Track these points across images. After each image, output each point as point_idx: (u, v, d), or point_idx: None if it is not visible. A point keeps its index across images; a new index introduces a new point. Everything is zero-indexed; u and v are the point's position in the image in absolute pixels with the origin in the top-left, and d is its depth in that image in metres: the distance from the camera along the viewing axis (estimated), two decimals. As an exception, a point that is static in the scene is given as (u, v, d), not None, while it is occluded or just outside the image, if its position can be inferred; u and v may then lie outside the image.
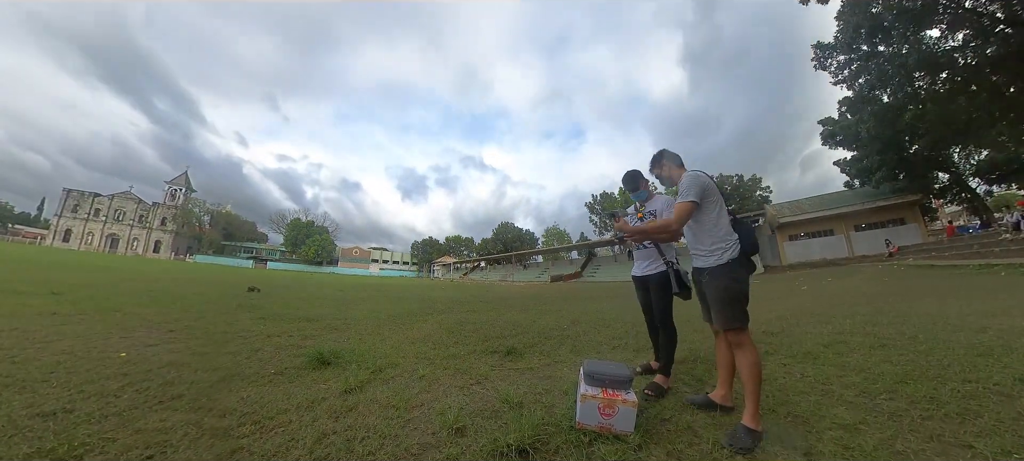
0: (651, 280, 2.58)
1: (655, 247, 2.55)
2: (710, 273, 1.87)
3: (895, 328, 3.57)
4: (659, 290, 2.52)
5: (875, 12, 15.75)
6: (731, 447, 1.52)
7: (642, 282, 2.69)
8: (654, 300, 2.57)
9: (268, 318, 4.77)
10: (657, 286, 2.53)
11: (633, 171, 2.71)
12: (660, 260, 2.53)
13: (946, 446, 1.49)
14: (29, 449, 1.42)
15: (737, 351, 1.76)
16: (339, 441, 1.58)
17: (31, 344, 2.82)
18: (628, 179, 2.71)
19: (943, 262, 12.61)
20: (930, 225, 24.07)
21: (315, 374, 2.48)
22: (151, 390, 2.05)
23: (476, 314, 6.03)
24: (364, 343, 3.53)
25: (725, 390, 1.95)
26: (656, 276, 2.54)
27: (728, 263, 1.82)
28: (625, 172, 2.73)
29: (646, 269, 2.64)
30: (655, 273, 2.56)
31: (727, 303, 1.79)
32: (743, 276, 1.83)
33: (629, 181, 2.70)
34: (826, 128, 23.40)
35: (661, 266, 2.51)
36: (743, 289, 1.80)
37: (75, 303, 4.87)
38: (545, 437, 1.60)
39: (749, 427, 1.58)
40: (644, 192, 2.68)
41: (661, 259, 2.52)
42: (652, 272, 2.58)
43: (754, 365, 1.69)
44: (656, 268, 2.56)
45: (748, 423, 1.60)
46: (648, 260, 2.64)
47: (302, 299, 7.67)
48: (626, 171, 2.72)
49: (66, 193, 56.53)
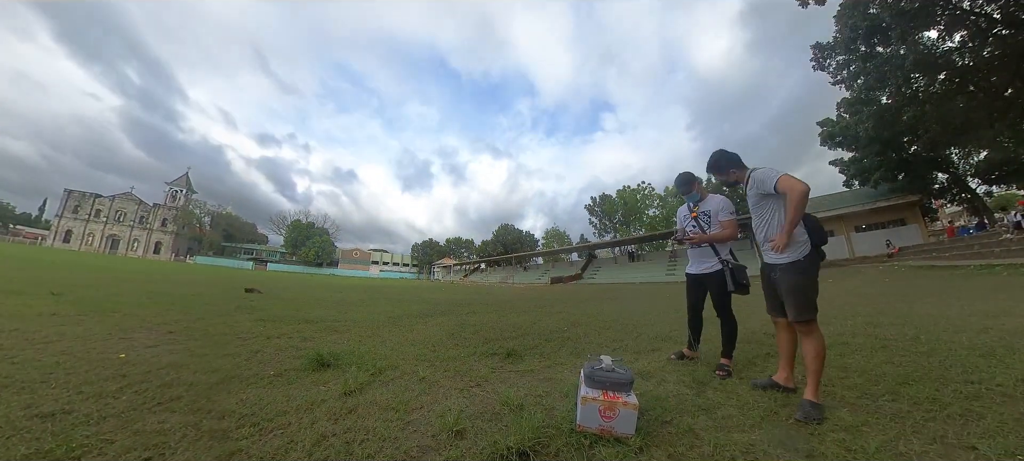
0: (709, 278, 2.72)
1: (711, 247, 2.71)
2: (784, 268, 2.02)
3: (896, 329, 3.56)
4: (716, 286, 2.68)
5: (873, 13, 15.78)
6: (803, 419, 1.73)
7: (698, 280, 2.83)
8: (713, 295, 2.72)
9: (268, 320, 4.76)
10: (714, 283, 2.69)
11: (686, 173, 2.87)
12: (714, 259, 2.68)
13: (949, 448, 1.48)
14: (27, 450, 1.41)
15: (806, 338, 1.94)
16: (338, 443, 1.57)
17: (31, 345, 2.81)
18: (682, 182, 2.87)
19: (943, 263, 12.60)
20: (930, 226, 24.07)
21: (314, 376, 2.47)
22: (150, 391, 2.04)
23: (476, 316, 6.02)
24: (364, 345, 3.52)
25: (787, 373, 2.15)
26: (714, 274, 2.68)
27: (802, 258, 1.97)
28: (678, 175, 2.90)
29: (703, 268, 2.77)
30: (713, 271, 2.70)
31: (801, 295, 1.94)
32: (815, 269, 1.99)
33: (683, 184, 2.86)
34: (825, 129, 23.42)
35: (717, 265, 2.66)
36: (815, 281, 1.97)
37: (75, 304, 4.86)
38: (545, 440, 1.60)
39: (814, 401, 1.81)
40: (697, 194, 2.83)
41: (716, 258, 2.67)
42: (709, 271, 2.72)
43: (821, 351, 1.89)
44: (712, 267, 2.70)
45: (812, 398, 1.82)
46: (704, 259, 2.77)
47: (302, 301, 7.66)
48: (679, 174, 2.89)
49: (67, 194, 56.59)
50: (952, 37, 15.74)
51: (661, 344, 3.62)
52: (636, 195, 51.83)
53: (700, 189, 2.83)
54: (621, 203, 52.26)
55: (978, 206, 22.65)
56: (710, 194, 2.83)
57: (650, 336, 4.03)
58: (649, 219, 49.46)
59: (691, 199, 2.86)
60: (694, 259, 2.86)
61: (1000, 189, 24.88)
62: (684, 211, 2.97)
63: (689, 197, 2.87)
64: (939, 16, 14.96)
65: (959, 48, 15.59)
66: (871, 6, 15.72)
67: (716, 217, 2.74)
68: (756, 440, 1.59)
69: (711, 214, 2.74)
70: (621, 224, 52.03)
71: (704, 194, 2.84)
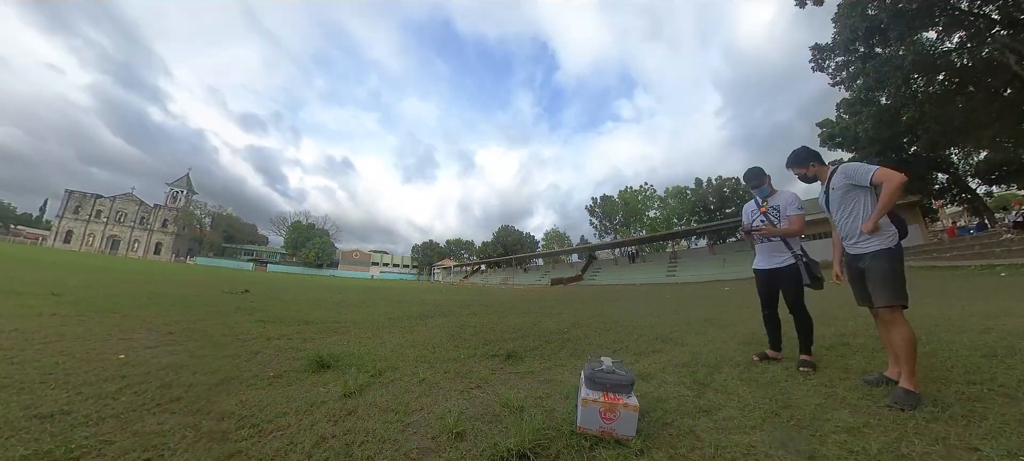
0: (781, 273, 2.70)
1: (783, 242, 2.70)
2: (875, 255, 2.05)
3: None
4: (789, 282, 2.66)
5: (871, 14, 15.81)
6: (897, 407, 1.78)
7: (769, 275, 2.80)
8: (786, 291, 2.69)
9: (268, 321, 4.76)
10: (787, 278, 2.67)
11: (756, 168, 2.86)
12: (786, 253, 2.67)
13: (951, 449, 1.47)
14: (26, 451, 1.41)
15: (893, 328, 1.97)
16: (338, 445, 1.56)
17: (30, 345, 2.81)
18: (753, 176, 2.86)
19: (944, 263, 12.59)
20: (931, 226, 24.06)
21: (314, 377, 2.47)
22: (149, 392, 2.04)
23: (476, 317, 6.01)
24: (364, 346, 3.52)
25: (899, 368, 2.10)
26: (787, 269, 2.66)
27: (894, 246, 2.03)
28: (747, 169, 2.89)
29: (775, 262, 2.75)
30: (785, 266, 2.67)
31: (894, 281, 1.98)
32: (903, 258, 2.03)
33: (753, 177, 2.85)
34: (825, 130, 23.43)
35: (790, 259, 2.64)
36: (903, 269, 2.01)
37: (75, 304, 4.86)
38: (546, 442, 1.59)
39: (908, 389, 1.85)
40: (767, 189, 2.82)
41: (789, 252, 2.66)
42: (782, 265, 2.69)
43: (912, 337, 1.92)
44: (785, 261, 2.68)
45: (907, 385, 1.86)
46: (775, 253, 2.75)
47: (301, 302, 7.65)
48: (748, 168, 2.88)
49: (68, 194, 56.69)
50: (951, 38, 15.77)
51: (662, 345, 3.61)
52: (637, 196, 51.87)
53: (769, 184, 2.82)
54: (622, 204, 52.28)
55: (978, 206, 22.66)
56: (778, 190, 2.83)
57: (651, 337, 4.02)
58: (650, 220, 49.47)
59: (760, 194, 2.85)
60: (764, 254, 2.83)
61: (1000, 189, 24.87)
62: (752, 206, 2.96)
63: (758, 192, 2.86)
64: (937, 17, 15.00)
65: (958, 49, 15.62)
66: (869, 7, 15.75)
67: (785, 212, 2.73)
68: (757, 441, 1.58)
69: (780, 209, 2.74)
70: (622, 225, 52.04)
71: (774, 189, 2.83)
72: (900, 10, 14.73)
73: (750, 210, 2.98)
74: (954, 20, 14.87)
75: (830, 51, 18.67)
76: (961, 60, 15.59)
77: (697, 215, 43.17)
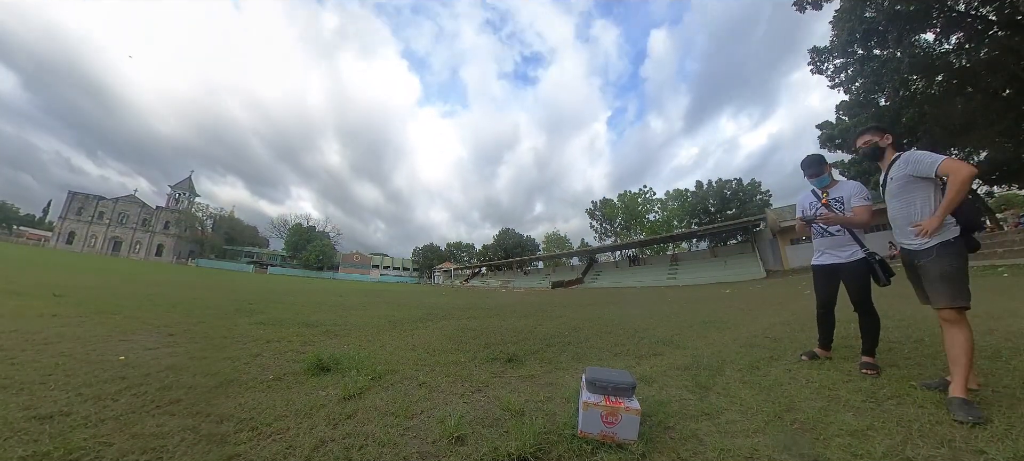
0: (847, 269, 2.49)
1: (850, 234, 2.49)
2: (932, 251, 1.88)
3: (901, 332, 3.53)
4: (857, 277, 2.46)
5: (869, 16, 15.84)
6: (965, 420, 1.61)
7: (832, 271, 2.59)
8: (852, 287, 2.49)
9: (268, 323, 4.75)
10: (855, 274, 2.46)
11: (816, 155, 2.67)
12: (853, 247, 2.48)
13: (957, 452, 1.46)
14: (25, 452, 1.40)
15: (952, 328, 1.80)
16: (337, 449, 1.55)
17: (31, 346, 2.81)
18: (812, 163, 2.66)
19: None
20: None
21: (314, 380, 2.46)
22: (149, 394, 2.03)
23: (477, 320, 6.00)
24: (364, 349, 3.51)
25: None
26: (854, 264, 2.46)
27: (953, 240, 1.85)
28: (807, 156, 2.68)
29: (841, 257, 2.53)
30: (854, 261, 2.47)
31: (955, 280, 1.81)
32: (966, 254, 1.86)
33: (812, 165, 2.65)
34: (824, 131, 23.44)
35: (859, 253, 2.45)
36: (966, 266, 1.84)
37: (76, 305, 4.86)
38: (547, 446, 1.58)
39: (964, 398, 1.69)
40: (827, 177, 2.63)
41: (857, 245, 2.47)
42: (847, 260, 2.49)
43: (970, 342, 1.76)
44: (853, 255, 2.48)
45: (961, 394, 1.70)
46: (841, 247, 2.54)
47: (301, 304, 7.64)
48: (808, 155, 2.68)
49: (71, 195, 56.88)
50: (948, 39, 15.79)
51: (663, 348, 3.59)
52: (637, 199, 51.86)
53: (830, 173, 2.62)
54: (622, 207, 52.26)
55: (979, 206, 22.61)
56: (841, 180, 2.63)
57: (652, 340, 4.00)
58: (650, 223, 49.42)
59: (820, 183, 2.65)
60: (825, 249, 2.60)
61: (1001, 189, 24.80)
62: (810, 197, 2.73)
63: (818, 181, 2.64)
64: (935, 18, 15.01)
65: (956, 50, 15.63)
66: (867, 9, 15.79)
67: (849, 203, 2.51)
68: (760, 445, 1.57)
69: (844, 200, 2.51)
70: (622, 228, 52.00)
71: (835, 179, 2.63)
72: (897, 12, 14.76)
73: (809, 201, 2.74)
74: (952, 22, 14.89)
75: (828, 53, 18.71)
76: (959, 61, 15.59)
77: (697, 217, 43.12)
